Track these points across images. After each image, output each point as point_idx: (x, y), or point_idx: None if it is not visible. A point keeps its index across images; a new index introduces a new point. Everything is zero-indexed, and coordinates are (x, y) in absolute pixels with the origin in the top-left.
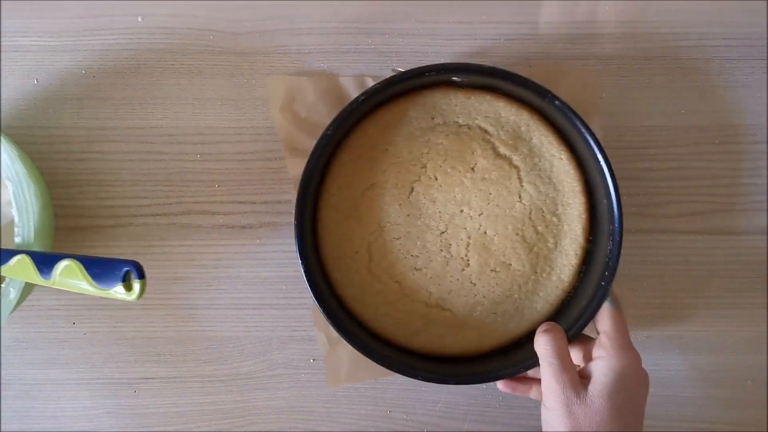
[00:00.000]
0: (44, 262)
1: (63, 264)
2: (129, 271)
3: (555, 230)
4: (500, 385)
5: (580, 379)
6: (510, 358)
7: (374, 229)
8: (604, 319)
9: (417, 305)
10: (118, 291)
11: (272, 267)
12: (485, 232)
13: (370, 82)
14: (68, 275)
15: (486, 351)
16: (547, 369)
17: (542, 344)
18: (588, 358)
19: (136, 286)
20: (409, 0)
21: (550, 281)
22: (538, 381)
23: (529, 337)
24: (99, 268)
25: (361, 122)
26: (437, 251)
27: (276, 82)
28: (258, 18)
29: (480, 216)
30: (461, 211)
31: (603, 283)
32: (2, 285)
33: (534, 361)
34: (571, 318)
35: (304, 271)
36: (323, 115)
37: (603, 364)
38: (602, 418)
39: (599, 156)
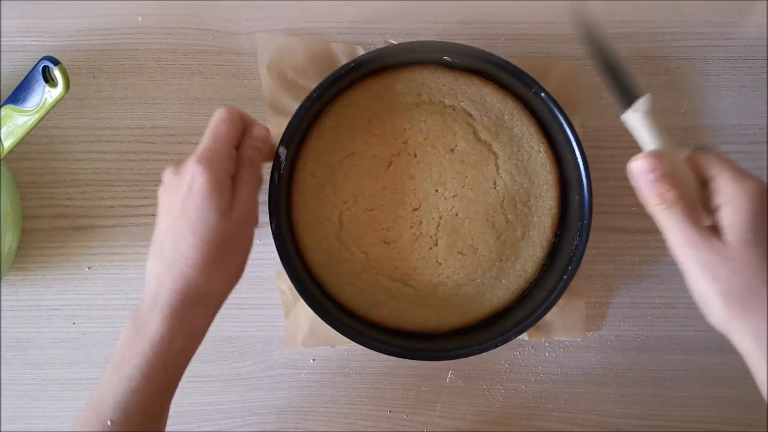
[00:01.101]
0: None
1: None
2: (46, 68)
3: (525, 221)
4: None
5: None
6: (467, 340)
7: (348, 197)
8: (711, 163)
9: (381, 278)
10: (48, 94)
11: (272, 267)
12: (457, 214)
13: (361, 51)
14: (8, 119)
15: (444, 331)
16: (672, 224)
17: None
18: (709, 211)
19: (57, 74)
20: (409, 0)
21: (514, 270)
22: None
23: (487, 321)
24: (24, 91)
25: (348, 90)
26: (407, 227)
27: (266, 39)
28: (258, 18)
29: (454, 197)
30: (436, 190)
31: (564, 277)
32: None
33: (490, 344)
34: (530, 307)
35: (274, 231)
36: (310, 79)
37: (731, 208)
38: (752, 270)
39: (576, 150)
